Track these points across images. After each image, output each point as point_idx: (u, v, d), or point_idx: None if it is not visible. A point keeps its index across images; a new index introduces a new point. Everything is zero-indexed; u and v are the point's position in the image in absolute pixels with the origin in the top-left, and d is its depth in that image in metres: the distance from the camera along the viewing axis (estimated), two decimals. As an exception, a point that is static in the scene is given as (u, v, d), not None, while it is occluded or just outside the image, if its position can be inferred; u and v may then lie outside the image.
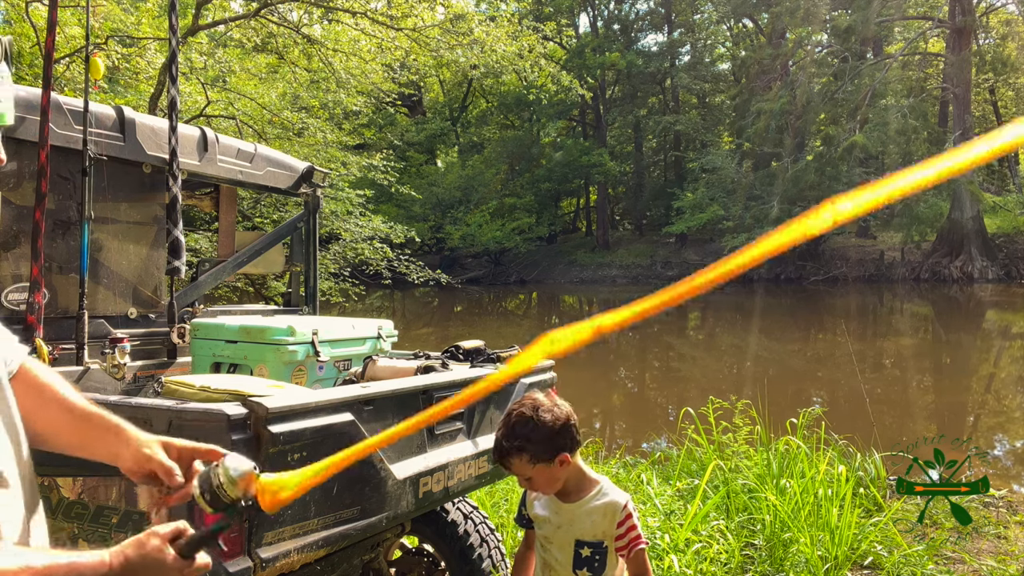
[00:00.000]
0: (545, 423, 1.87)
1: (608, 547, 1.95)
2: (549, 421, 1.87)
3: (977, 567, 3.81)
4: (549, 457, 1.88)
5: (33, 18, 7.96)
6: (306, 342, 2.94)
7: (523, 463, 1.88)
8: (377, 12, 10.29)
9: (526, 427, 1.87)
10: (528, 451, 1.87)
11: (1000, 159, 38.77)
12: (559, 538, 1.98)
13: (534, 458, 1.87)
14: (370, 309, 20.71)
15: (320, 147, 11.68)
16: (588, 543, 1.95)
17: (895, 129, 28.44)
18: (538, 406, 1.90)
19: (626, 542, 1.93)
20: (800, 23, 32.18)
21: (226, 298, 10.93)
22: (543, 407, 1.90)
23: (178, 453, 1.21)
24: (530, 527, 2.09)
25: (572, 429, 1.91)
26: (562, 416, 1.90)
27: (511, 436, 1.88)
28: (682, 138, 38.80)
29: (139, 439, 1.21)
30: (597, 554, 1.94)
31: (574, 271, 37.28)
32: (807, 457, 4.47)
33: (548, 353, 0.96)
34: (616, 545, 1.95)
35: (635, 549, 1.93)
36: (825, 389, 11.02)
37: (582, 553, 1.95)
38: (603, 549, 1.95)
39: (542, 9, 38.23)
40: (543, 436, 1.87)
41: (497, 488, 4.64)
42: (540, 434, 1.87)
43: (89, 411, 1.23)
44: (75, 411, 1.23)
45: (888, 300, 25.70)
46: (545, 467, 1.88)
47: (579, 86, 13.01)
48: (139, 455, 1.19)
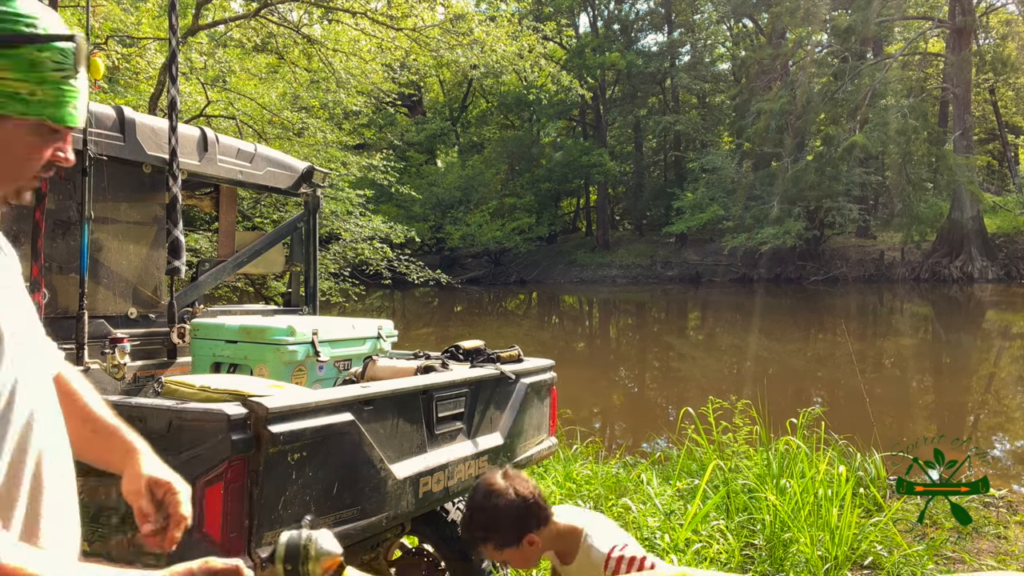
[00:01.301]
0: (502, 511, 1.79)
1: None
2: (506, 507, 1.79)
3: (977, 567, 3.81)
4: (515, 542, 1.81)
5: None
6: (306, 342, 2.94)
7: (490, 550, 1.81)
8: (377, 12, 10.29)
9: (484, 517, 1.80)
10: (492, 540, 1.80)
11: (1000, 159, 38.81)
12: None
13: (499, 545, 1.81)
14: (370, 309, 20.71)
15: (320, 147, 11.68)
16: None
17: (895, 129, 28.44)
18: (493, 492, 1.80)
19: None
20: (800, 23, 32.18)
21: (226, 298, 10.93)
22: (499, 492, 1.80)
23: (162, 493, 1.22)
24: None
25: (534, 508, 1.81)
26: (520, 498, 1.80)
27: (471, 528, 1.81)
28: (682, 138, 38.79)
29: (138, 472, 1.22)
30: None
31: (574, 271, 37.27)
32: (807, 457, 4.47)
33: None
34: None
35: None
36: (825, 389, 11.02)
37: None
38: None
39: (542, 9, 38.21)
40: (504, 524, 1.79)
41: (497, 488, 4.64)
42: (500, 522, 1.79)
43: (110, 427, 1.27)
44: (97, 425, 1.27)
45: (888, 300, 25.70)
46: (514, 550, 1.81)
47: (579, 86, 13.01)
48: (129, 489, 1.22)
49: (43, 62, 0.97)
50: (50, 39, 0.98)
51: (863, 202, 31.52)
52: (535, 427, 2.92)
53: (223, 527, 1.70)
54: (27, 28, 0.96)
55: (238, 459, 1.72)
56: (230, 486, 1.70)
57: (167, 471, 1.26)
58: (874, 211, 34.22)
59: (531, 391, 2.86)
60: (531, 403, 2.87)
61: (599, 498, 4.65)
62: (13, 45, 0.95)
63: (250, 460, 1.73)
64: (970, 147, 29.60)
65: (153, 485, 1.22)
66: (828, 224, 31.12)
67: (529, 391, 2.85)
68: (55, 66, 0.99)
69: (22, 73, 0.96)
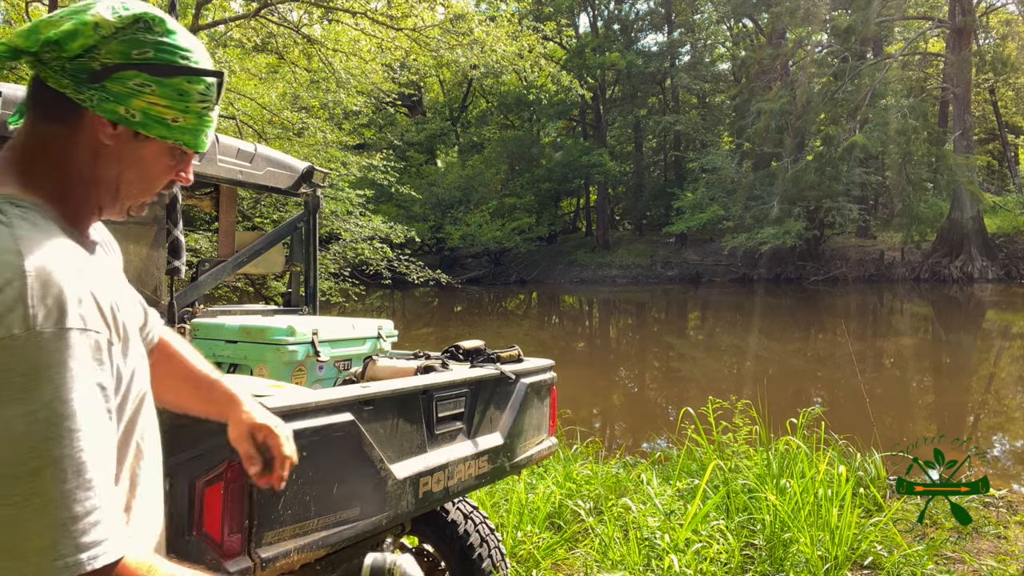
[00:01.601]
0: None
1: None
2: None
3: (977, 567, 3.81)
4: None
5: (33, 17, 7.97)
6: (306, 342, 2.94)
7: None
8: (377, 12, 10.29)
9: None
10: None
11: (1000, 159, 38.81)
12: None
13: None
14: (370, 309, 20.72)
15: (320, 147, 11.68)
16: None
17: (895, 129, 28.45)
18: None
19: None
20: (800, 23, 32.19)
21: (226, 298, 10.94)
22: None
23: (263, 437, 1.36)
24: None
25: None
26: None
27: None
28: (682, 138, 38.80)
29: (240, 419, 1.36)
30: None
31: (574, 271, 37.28)
32: (807, 457, 4.47)
33: None
34: None
35: None
36: (825, 389, 11.02)
37: None
38: None
39: (542, 9, 38.23)
40: None
41: (497, 488, 4.65)
42: None
43: (211, 380, 1.41)
44: (200, 381, 1.40)
45: (888, 300, 25.70)
46: None
47: (579, 86, 13.01)
48: (234, 435, 1.36)
49: (191, 93, 1.06)
50: (201, 73, 1.06)
51: (863, 202, 31.52)
52: (535, 427, 2.92)
53: (223, 527, 1.69)
54: (183, 61, 1.05)
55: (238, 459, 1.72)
56: (230, 486, 1.70)
57: (267, 416, 1.38)
58: (874, 211, 34.23)
59: (531, 391, 2.86)
60: (531, 403, 2.87)
61: (599, 498, 4.65)
62: (169, 75, 1.03)
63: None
64: (970, 147, 29.60)
65: (255, 429, 1.35)
66: (828, 224, 31.13)
67: (529, 391, 2.84)
68: (200, 98, 1.07)
69: (171, 101, 1.04)
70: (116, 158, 1.06)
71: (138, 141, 1.05)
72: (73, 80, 1.00)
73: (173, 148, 1.09)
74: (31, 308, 0.86)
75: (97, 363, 0.92)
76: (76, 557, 0.85)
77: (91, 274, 0.97)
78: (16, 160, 1.03)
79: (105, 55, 1.00)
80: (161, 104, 1.04)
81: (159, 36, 1.04)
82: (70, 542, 0.85)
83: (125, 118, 1.02)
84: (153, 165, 1.09)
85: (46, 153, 1.03)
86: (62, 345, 0.87)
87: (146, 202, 1.14)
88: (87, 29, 0.99)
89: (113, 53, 1.01)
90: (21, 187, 1.01)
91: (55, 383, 0.86)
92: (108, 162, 1.05)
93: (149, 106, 1.03)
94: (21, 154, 1.04)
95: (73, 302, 0.90)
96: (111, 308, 0.97)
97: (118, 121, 1.03)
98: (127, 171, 1.07)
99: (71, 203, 1.05)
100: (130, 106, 1.02)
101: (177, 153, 1.10)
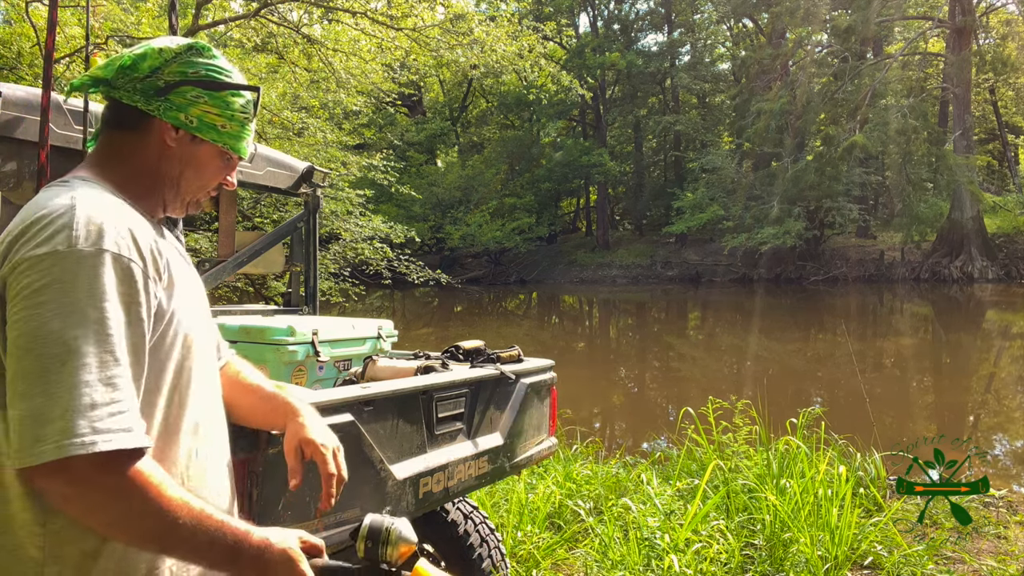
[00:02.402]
0: None
1: None
2: None
3: (977, 567, 3.81)
4: None
5: (33, 18, 7.95)
6: (306, 342, 2.94)
7: None
8: (377, 12, 10.28)
9: None
10: None
11: (1000, 159, 38.81)
12: None
13: None
14: (370, 309, 20.72)
15: (320, 147, 11.68)
16: None
17: (895, 129, 28.45)
18: None
19: None
20: (800, 23, 32.20)
21: (226, 298, 10.93)
22: None
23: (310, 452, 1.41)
24: None
25: None
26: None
27: None
28: (682, 138, 38.80)
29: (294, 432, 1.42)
30: None
31: (574, 271, 37.28)
32: (807, 457, 4.47)
33: None
34: None
35: None
36: (825, 389, 11.02)
37: None
38: None
39: (542, 9, 38.24)
40: None
41: (497, 488, 4.65)
42: None
43: (271, 393, 1.51)
44: (263, 393, 1.51)
45: (888, 300, 25.70)
46: None
47: (579, 86, 13.00)
48: (286, 448, 1.42)
49: (234, 104, 1.30)
50: (241, 87, 1.30)
51: (863, 202, 31.53)
52: (535, 427, 2.92)
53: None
54: (226, 78, 1.29)
55: (238, 460, 1.72)
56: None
57: (319, 431, 1.43)
58: (874, 211, 34.23)
59: (531, 391, 2.86)
60: (531, 403, 2.87)
61: (599, 498, 4.65)
62: (218, 89, 1.27)
63: (250, 461, 1.72)
64: (970, 147, 29.60)
65: (304, 444, 1.41)
66: (828, 224, 31.13)
67: (529, 391, 2.84)
68: (241, 108, 1.31)
69: (220, 110, 1.28)
70: (178, 158, 1.28)
71: (195, 144, 1.28)
72: (143, 95, 1.24)
73: (222, 152, 1.31)
74: (75, 232, 1.04)
75: (130, 285, 1.07)
76: (92, 438, 0.96)
77: (136, 221, 1.14)
78: (93, 161, 1.26)
79: (167, 74, 1.25)
80: (213, 112, 1.27)
81: (208, 59, 1.28)
82: (87, 424, 0.97)
83: (185, 123, 1.26)
84: (207, 165, 1.31)
85: (117, 153, 1.27)
86: (97, 262, 1.03)
87: (200, 200, 1.35)
88: (154, 53, 1.25)
89: (174, 73, 1.25)
90: (93, 173, 1.23)
91: (88, 291, 1.02)
92: (171, 161, 1.28)
93: (203, 113, 1.27)
94: (98, 157, 1.27)
95: (111, 232, 1.07)
96: (151, 250, 1.13)
97: (180, 126, 1.26)
98: (187, 169, 1.29)
99: (137, 190, 1.25)
100: (189, 113, 1.26)
101: (225, 157, 1.32)
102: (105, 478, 0.98)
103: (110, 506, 0.99)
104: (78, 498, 0.98)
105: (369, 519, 1.22)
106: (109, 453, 0.97)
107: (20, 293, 1.01)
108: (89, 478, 0.97)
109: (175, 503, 1.02)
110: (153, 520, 1.01)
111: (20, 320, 1.00)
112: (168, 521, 1.01)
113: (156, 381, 1.13)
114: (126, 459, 0.99)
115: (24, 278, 1.01)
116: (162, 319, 1.13)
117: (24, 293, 1.01)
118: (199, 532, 1.03)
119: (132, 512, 1.00)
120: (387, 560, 1.20)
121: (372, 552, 1.20)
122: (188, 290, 1.23)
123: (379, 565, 1.20)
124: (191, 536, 1.03)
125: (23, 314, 1.00)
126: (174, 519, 1.01)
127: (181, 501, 1.03)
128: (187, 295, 1.22)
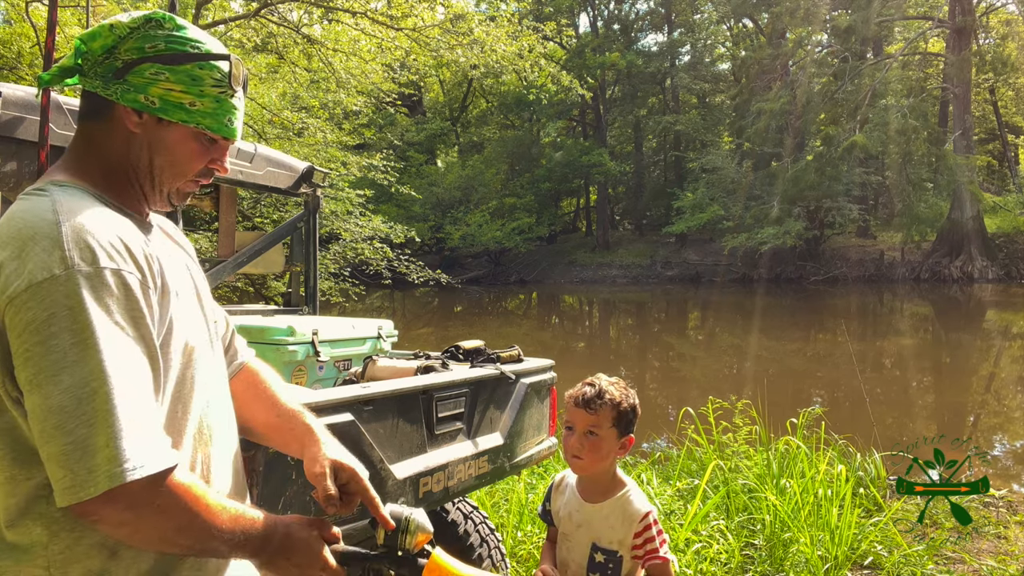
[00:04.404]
0: (634, 404, 1.93)
1: (623, 557, 1.86)
2: (636, 405, 1.94)
3: (977, 567, 3.81)
4: (623, 431, 1.89)
5: (33, 18, 7.95)
6: (306, 342, 2.94)
7: (606, 417, 1.87)
8: (377, 12, 10.28)
9: (624, 395, 1.91)
10: (616, 412, 1.87)
11: (1000, 159, 38.81)
12: (578, 538, 1.92)
13: (615, 422, 1.88)
14: (370, 309, 20.72)
15: (320, 147, 11.68)
16: (603, 549, 1.88)
17: (895, 129, 28.45)
18: (629, 389, 1.96)
19: (642, 553, 1.85)
20: (800, 23, 32.20)
21: (226, 298, 10.94)
22: (633, 394, 1.96)
23: (347, 478, 1.31)
24: (552, 523, 2.03)
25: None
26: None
27: (610, 394, 1.88)
28: (682, 138, 38.81)
29: (317, 456, 1.32)
30: (611, 562, 1.86)
31: (574, 271, 37.27)
32: (807, 457, 4.47)
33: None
34: (632, 555, 1.86)
35: (649, 562, 1.84)
36: (825, 389, 11.02)
37: (596, 558, 1.88)
38: (617, 558, 1.86)
39: (542, 9, 38.24)
40: (629, 410, 1.90)
41: (497, 488, 4.65)
42: (629, 406, 1.90)
43: (292, 411, 1.41)
44: (281, 410, 1.42)
45: (888, 300, 25.70)
46: (613, 437, 1.88)
47: (579, 86, 12.99)
48: (311, 472, 1.30)
49: (203, 78, 1.17)
50: (208, 58, 1.17)
51: (863, 202, 31.52)
52: (535, 427, 2.92)
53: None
54: (191, 49, 1.16)
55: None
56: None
57: (349, 456, 1.34)
58: (874, 211, 34.22)
59: (531, 391, 2.86)
60: (531, 403, 2.87)
61: (599, 498, 4.64)
62: (180, 63, 1.15)
63: (250, 460, 1.72)
64: (970, 147, 29.60)
65: (338, 469, 1.30)
66: (828, 224, 31.13)
67: (529, 391, 2.84)
68: (213, 82, 1.18)
69: (185, 86, 1.15)
70: (145, 144, 1.17)
71: (162, 127, 1.17)
72: (102, 80, 1.15)
73: (197, 133, 1.19)
74: (67, 252, 1.00)
75: (132, 299, 1.04)
76: (141, 460, 0.97)
77: (123, 227, 1.09)
78: (69, 159, 1.19)
79: (124, 53, 1.14)
80: (177, 89, 1.15)
81: (169, 31, 1.16)
82: (132, 448, 0.97)
83: (146, 105, 1.14)
84: (179, 149, 1.19)
85: (88, 146, 1.19)
86: (98, 282, 1.00)
87: (184, 190, 1.25)
88: (104, 31, 1.15)
89: (130, 50, 1.14)
90: (68, 175, 1.16)
91: (97, 313, 0.99)
92: (139, 148, 1.17)
93: (166, 92, 1.15)
94: (73, 153, 1.20)
95: (105, 246, 1.03)
96: (145, 257, 1.09)
97: (142, 109, 1.15)
98: (156, 156, 1.18)
99: (114, 187, 1.18)
100: (148, 94, 1.14)
101: (204, 139, 1.20)
102: (157, 498, 0.99)
103: (163, 524, 1.01)
104: (135, 521, 0.99)
105: (388, 508, 1.26)
106: (158, 473, 0.99)
107: (27, 328, 0.97)
108: (145, 500, 0.98)
109: (215, 509, 1.05)
110: (200, 530, 1.03)
111: (36, 356, 0.97)
112: (213, 528, 1.04)
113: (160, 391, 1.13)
114: (168, 475, 1.01)
115: (27, 312, 0.97)
116: (161, 329, 1.11)
117: (31, 328, 0.97)
118: (237, 531, 1.07)
119: (182, 525, 1.02)
120: (405, 548, 1.24)
121: (391, 539, 1.24)
122: (183, 293, 1.19)
123: (396, 552, 1.24)
124: (231, 537, 1.06)
125: (37, 349, 0.97)
126: (218, 526, 1.05)
127: (220, 507, 1.06)
128: (182, 299, 1.18)
